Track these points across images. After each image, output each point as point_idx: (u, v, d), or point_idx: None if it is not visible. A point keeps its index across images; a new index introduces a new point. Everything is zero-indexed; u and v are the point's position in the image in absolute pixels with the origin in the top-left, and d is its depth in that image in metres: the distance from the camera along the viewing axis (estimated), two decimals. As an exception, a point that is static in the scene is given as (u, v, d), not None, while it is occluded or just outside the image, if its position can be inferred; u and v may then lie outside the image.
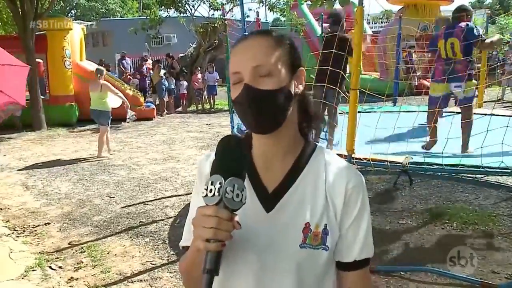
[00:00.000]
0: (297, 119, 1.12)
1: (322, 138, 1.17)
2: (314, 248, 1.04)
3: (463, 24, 5.19)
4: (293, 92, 1.07)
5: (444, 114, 6.65)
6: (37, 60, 12.03)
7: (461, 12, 5.33)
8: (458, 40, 5.15)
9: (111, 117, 8.40)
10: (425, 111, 6.65)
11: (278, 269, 1.04)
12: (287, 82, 1.05)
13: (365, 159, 4.20)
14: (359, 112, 4.13)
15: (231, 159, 0.94)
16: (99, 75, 8.24)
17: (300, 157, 1.11)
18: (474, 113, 5.85)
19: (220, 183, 0.90)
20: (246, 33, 4.84)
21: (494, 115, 5.58)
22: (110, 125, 8.41)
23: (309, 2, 17.70)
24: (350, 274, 1.10)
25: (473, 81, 5.27)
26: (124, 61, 17.46)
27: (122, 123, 10.73)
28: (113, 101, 8.43)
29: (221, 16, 14.04)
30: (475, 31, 5.12)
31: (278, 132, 1.06)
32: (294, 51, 1.10)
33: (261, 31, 1.10)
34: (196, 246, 0.93)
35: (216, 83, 15.43)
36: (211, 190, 0.90)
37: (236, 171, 0.93)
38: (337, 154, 1.21)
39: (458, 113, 6.15)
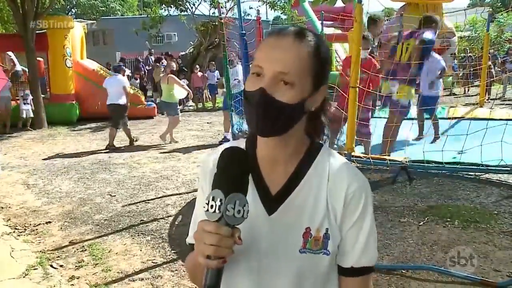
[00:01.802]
0: (306, 120, 1.07)
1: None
2: (314, 253, 1.02)
3: (427, 35, 5.22)
4: (306, 109, 1.01)
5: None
6: (38, 58, 12.04)
7: (431, 23, 5.34)
8: (414, 43, 5.18)
9: (179, 107, 9.52)
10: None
11: (278, 272, 1.03)
12: (306, 97, 0.99)
13: (364, 157, 4.19)
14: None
15: (233, 173, 0.91)
16: (167, 69, 9.44)
17: (304, 159, 1.07)
18: (475, 118, 5.86)
19: (220, 200, 0.88)
20: (244, 32, 4.84)
21: (492, 119, 5.59)
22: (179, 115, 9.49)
23: (310, 0, 17.75)
24: (348, 280, 1.07)
25: (409, 87, 5.22)
26: (151, 57, 17.41)
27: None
28: (179, 92, 9.37)
29: (217, 15, 14.05)
30: (429, 52, 5.30)
31: (284, 136, 1.02)
32: (326, 68, 1.03)
33: (306, 33, 1.00)
34: (197, 260, 0.92)
35: (217, 82, 15.42)
36: (212, 206, 0.89)
37: (238, 186, 0.90)
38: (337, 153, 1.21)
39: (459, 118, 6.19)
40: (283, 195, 1.04)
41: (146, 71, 16.51)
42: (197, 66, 15.13)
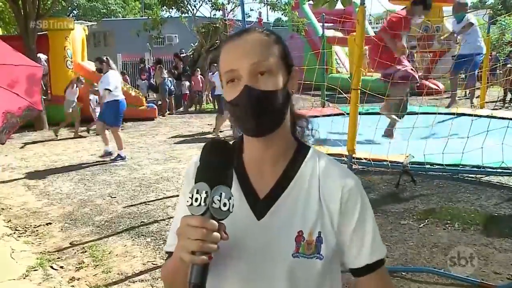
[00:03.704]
0: (289, 120, 1.08)
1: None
2: (307, 257, 0.99)
3: None
4: (290, 93, 1.03)
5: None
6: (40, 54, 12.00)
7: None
8: None
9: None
10: (426, 113, 6.68)
11: (270, 278, 0.99)
12: (285, 81, 1.01)
13: (365, 159, 4.20)
14: (360, 114, 4.12)
15: (217, 165, 0.89)
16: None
17: (292, 161, 1.06)
18: (475, 115, 5.87)
19: (206, 192, 0.85)
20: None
21: (494, 117, 5.59)
22: None
23: (311, 2, 17.77)
24: (366, 278, 1.05)
25: None
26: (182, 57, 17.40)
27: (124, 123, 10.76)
28: None
29: (222, 17, 14.06)
30: None
31: (273, 134, 1.01)
32: (287, 50, 1.05)
33: (253, 28, 1.04)
34: (180, 257, 0.88)
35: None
36: (196, 199, 0.85)
37: (223, 178, 0.88)
38: (338, 154, 1.22)
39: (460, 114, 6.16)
40: (272, 199, 1.02)
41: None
42: (198, 69, 15.13)
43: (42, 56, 12.46)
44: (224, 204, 0.85)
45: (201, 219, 0.85)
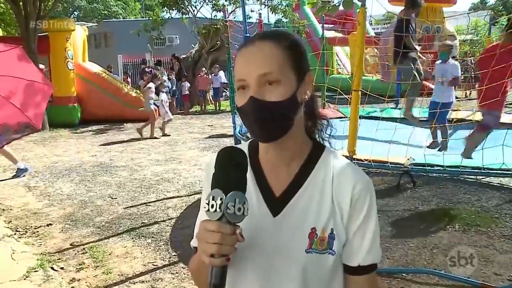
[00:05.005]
0: (304, 121, 1.10)
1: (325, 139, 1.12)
2: (320, 253, 1.04)
3: None
4: (300, 100, 1.03)
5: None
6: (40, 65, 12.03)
7: None
8: None
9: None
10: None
11: (284, 273, 1.04)
12: (295, 89, 1.01)
13: (366, 160, 4.20)
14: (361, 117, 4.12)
15: (231, 172, 0.94)
16: None
17: (307, 161, 1.09)
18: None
19: (221, 199, 0.90)
20: (248, 35, 4.87)
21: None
22: None
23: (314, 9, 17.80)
24: (355, 278, 1.08)
25: None
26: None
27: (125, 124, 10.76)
28: None
29: (223, 18, 14.05)
30: None
31: (284, 138, 1.04)
32: (302, 56, 1.05)
33: (268, 34, 1.05)
34: (201, 259, 0.94)
35: (221, 86, 15.33)
36: (212, 206, 0.91)
37: (236, 184, 0.93)
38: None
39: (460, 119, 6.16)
40: (287, 197, 1.06)
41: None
42: (203, 69, 15.12)
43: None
44: (239, 209, 0.90)
45: (217, 224, 0.90)
